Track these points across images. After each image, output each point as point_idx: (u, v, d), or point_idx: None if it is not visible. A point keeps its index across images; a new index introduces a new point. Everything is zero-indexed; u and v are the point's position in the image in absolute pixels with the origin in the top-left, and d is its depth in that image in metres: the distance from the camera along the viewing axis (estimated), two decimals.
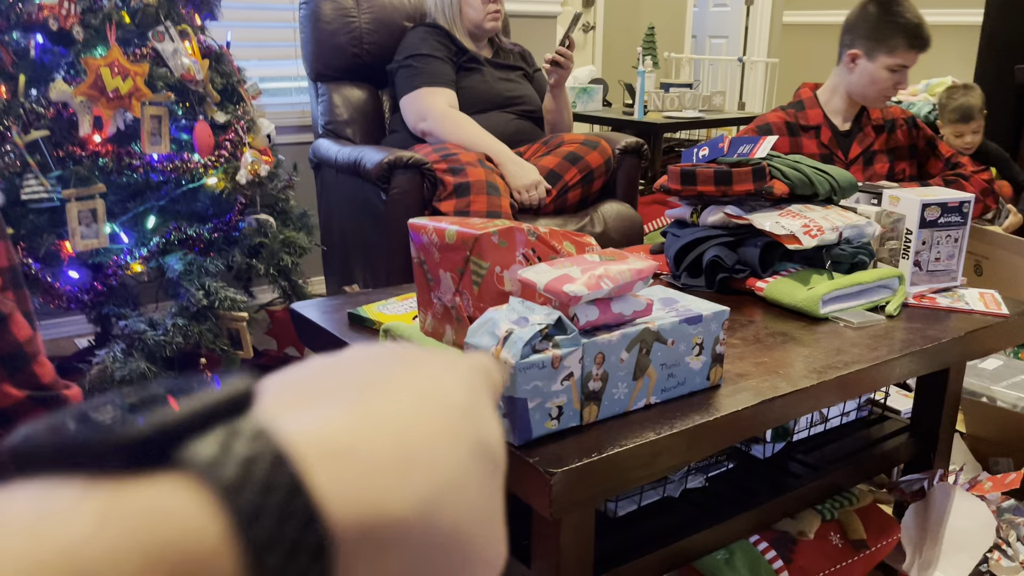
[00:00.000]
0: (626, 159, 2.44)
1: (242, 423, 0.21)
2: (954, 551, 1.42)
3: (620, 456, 0.98)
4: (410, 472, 0.23)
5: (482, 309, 1.08)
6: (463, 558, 0.25)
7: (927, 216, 1.50)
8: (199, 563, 0.19)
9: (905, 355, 1.29)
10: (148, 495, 0.19)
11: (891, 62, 2.13)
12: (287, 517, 0.20)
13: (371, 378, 0.26)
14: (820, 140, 2.22)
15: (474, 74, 2.42)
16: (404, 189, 2.05)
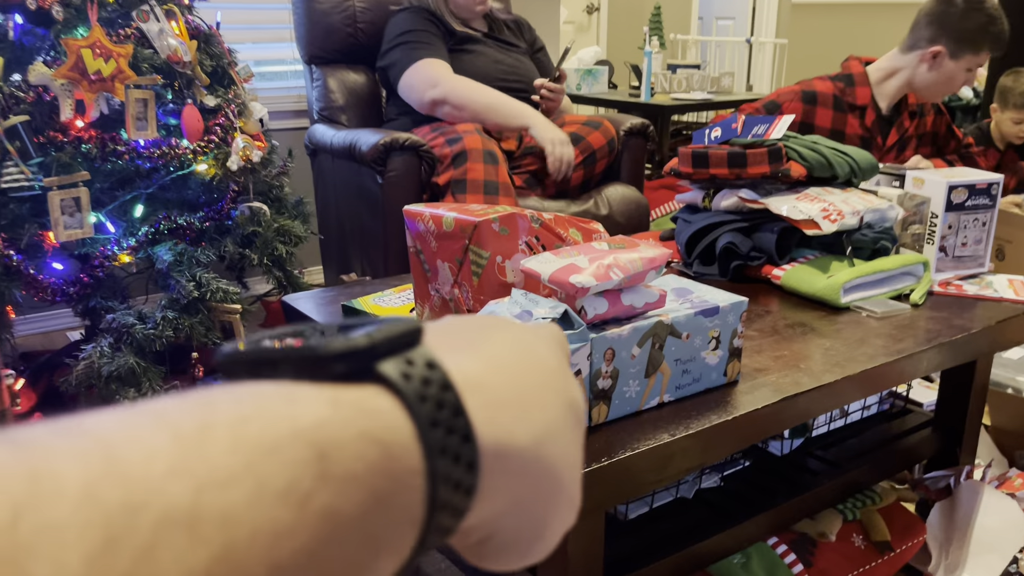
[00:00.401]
0: (631, 140, 2.35)
1: (417, 352, 0.26)
2: (983, 552, 1.35)
3: (631, 460, 0.91)
4: (528, 411, 0.29)
5: (482, 302, 1.01)
6: (557, 492, 0.30)
7: (954, 199, 1.42)
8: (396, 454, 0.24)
9: (932, 347, 1.21)
10: (360, 396, 0.24)
11: (975, 63, 2.06)
12: (453, 431, 0.25)
13: (481, 333, 0.31)
14: (864, 122, 2.12)
15: (466, 54, 2.29)
16: (401, 172, 1.96)
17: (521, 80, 2.35)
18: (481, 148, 1.95)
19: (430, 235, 1.08)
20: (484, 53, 2.31)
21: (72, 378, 1.59)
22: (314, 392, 0.24)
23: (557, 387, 0.31)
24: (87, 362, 1.58)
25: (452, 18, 2.33)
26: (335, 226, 2.32)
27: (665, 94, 3.56)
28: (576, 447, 0.32)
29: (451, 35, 2.28)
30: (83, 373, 1.58)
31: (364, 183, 2.05)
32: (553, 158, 2.10)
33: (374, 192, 1.98)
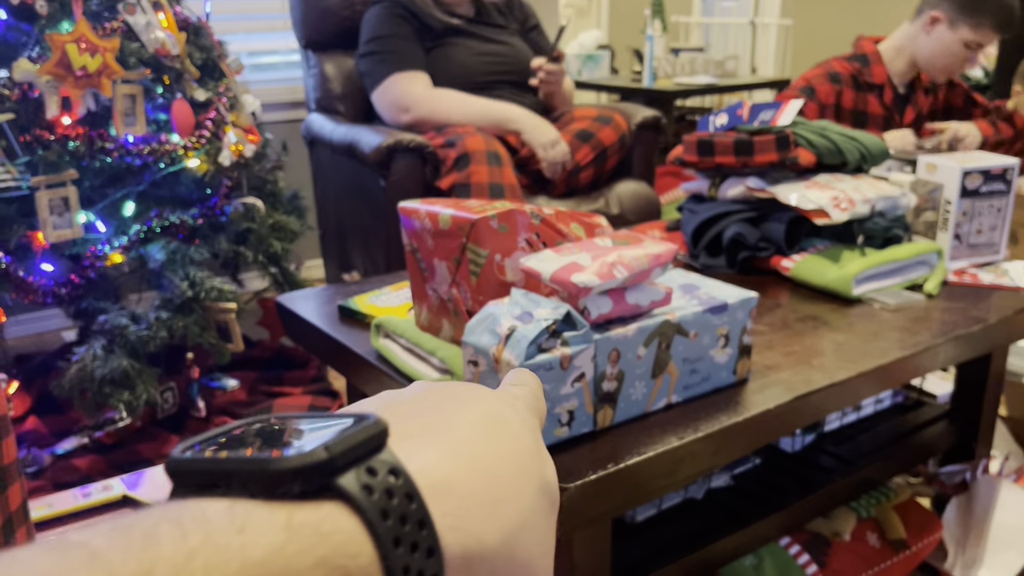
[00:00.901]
0: (643, 134, 2.28)
1: (380, 459, 0.24)
2: (1001, 548, 1.31)
3: (639, 466, 0.87)
4: (498, 507, 0.26)
5: (481, 302, 0.97)
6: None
7: (968, 185, 1.37)
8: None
9: (948, 340, 1.17)
10: (318, 517, 0.22)
11: (971, 38, 1.99)
12: (417, 545, 0.23)
13: (445, 416, 0.29)
14: (883, 101, 2.08)
15: (447, 49, 2.17)
16: (404, 174, 1.89)
17: (512, 67, 2.23)
18: (484, 149, 1.87)
19: (427, 233, 1.04)
20: (467, 46, 2.19)
21: (64, 382, 1.56)
22: (267, 515, 0.22)
23: (531, 470, 0.29)
24: (79, 365, 1.55)
25: (434, 7, 2.20)
26: (334, 220, 2.27)
27: (668, 79, 3.50)
28: (550, 533, 0.30)
29: (429, 30, 2.16)
30: (76, 376, 1.55)
31: (365, 181, 1.99)
32: (547, 163, 2.02)
33: (375, 191, 1.93)
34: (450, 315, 1.05)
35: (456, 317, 1.03)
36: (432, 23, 2.17)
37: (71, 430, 1.75)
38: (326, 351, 1.24)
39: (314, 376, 2.00)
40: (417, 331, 1.09)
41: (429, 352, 1.05)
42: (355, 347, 1.15)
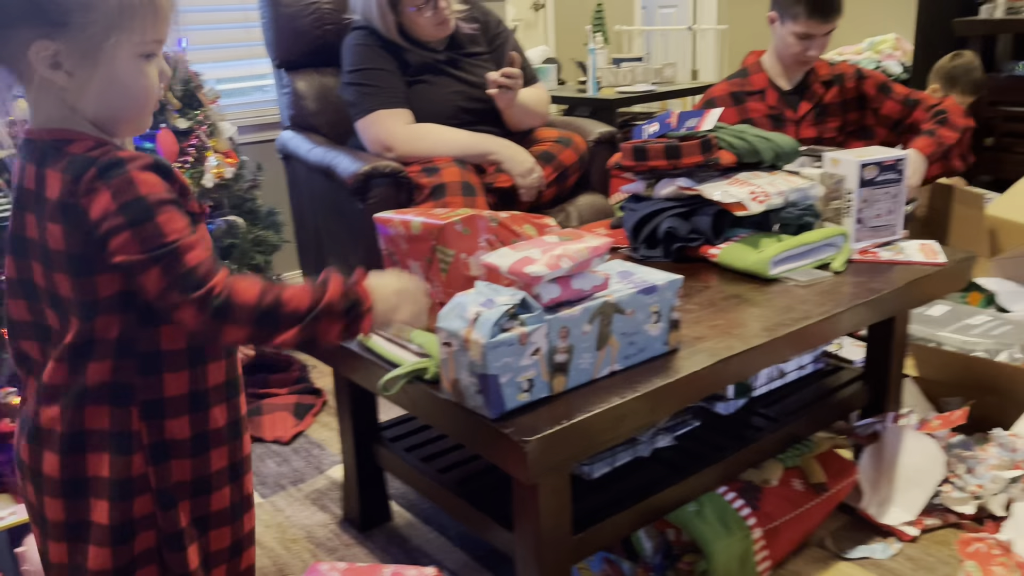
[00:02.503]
0: (599, 150, 2.40)
1: None
2: (908, 487, 1.52)
3: (589, 421, 1.06)
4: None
5: (451, 294, 1.14)
6: None
7: (865, 175, 1.58)
8: None
9: (852, 308, 1.37)
10: None
11: (797, 29, 2.17)
12: None
13: None
14: (767, 102, 2.30)
15: (424, 86, 2.22)
16: (381, 199, 1.99)
17: (486, 101, 2.28)
18: (460, 180, 1.99)
19: (400, 239, 1.22)
20: (442, 83, 2.24)
21: None
22: None
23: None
24: None
25: (407, 44, 2.23)
26: (311, 232, 2.38)
27: (611, 88, 3.72)
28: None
29: (407, 66, 2.21)
30: None
31: (341, 201, 2.07)
32: (524, 190, 2.14)
33: (352, 212, 2.02)
34: None
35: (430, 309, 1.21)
36: (409, 58, 2.22)
37: None
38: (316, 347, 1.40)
39: (297, 377, 2.16)
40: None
41: (408, 340, 1.22)
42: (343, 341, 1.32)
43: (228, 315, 0.86)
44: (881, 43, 4.00)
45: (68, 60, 0.85)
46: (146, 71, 0.90)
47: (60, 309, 0.89)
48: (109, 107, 0.89)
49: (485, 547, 1.54)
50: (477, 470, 1.42)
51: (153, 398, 0.93)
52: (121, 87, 0.88)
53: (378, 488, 1.62)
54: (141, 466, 0.93)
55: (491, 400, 1.03)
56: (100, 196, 0.83)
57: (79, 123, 0.89)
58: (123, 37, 0.86)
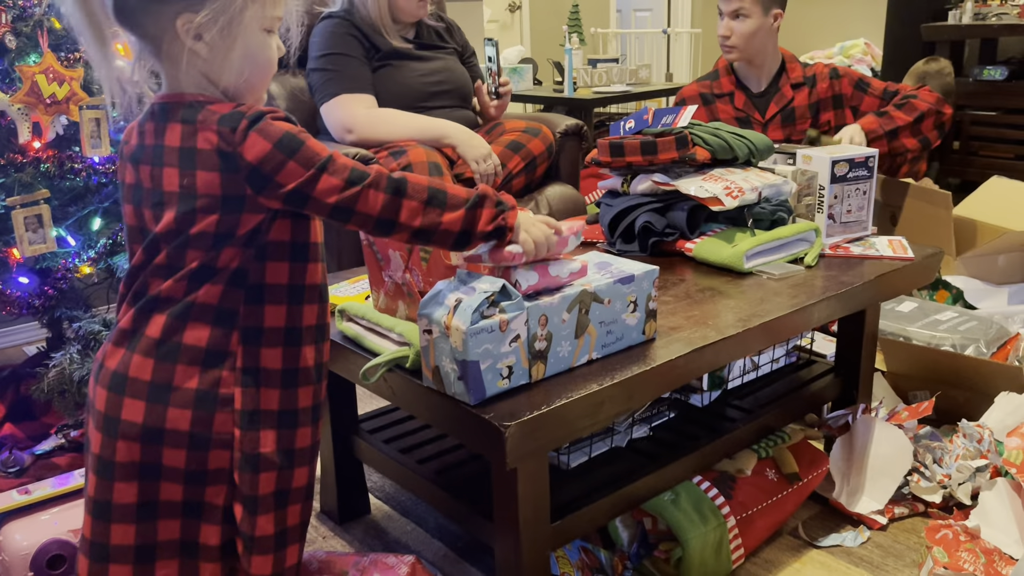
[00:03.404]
0: (567, 142, 2.48)
1: None
2: (878, 476, 1.55)
3: (567, 407, 1.07)
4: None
5: (431, 283, 1.16)
6: None
7: (837, 172, 1.62)
8: None
9: (822, 300, 1.40)
10: None
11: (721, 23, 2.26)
12: None
13: None
14: (734, 105, 2.34)
15: (391, 71, 2.30)
16: None
17: (450, 86, 2.38)
18: (425, 160, 2.05)
19: None
20: (410, 67, 2.32)
21: (44, 385, 1.68)
22: None
23: None
24: (58, 369, 1.67)
25: (384, 30, 2.30)
26: None
27: (587, 88, 3.75)
28: None
29: (376, 50, 2.28)
30: (55, 380, 1.67)
31: None
32: (479, 176, 2.20)
33: None
34: (404, 297, 1.23)
35: (410, 298, 1.22)
36: (379, 44, 2.29)
37: (46, 433, 1.87)
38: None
39: None
40: (376, 313, 1.27)
41: (388, 329, 1.23)
42: None
43: (404, 191, 1.00)
44: (852, 47, 4.07)
45: (208, 31, 0.97)
46: (266, 42, 1.03)
47: (178, 247, 0.99)
48: (240, 75, 1.01)
49: (463, 539, 1.55)
50: (455, 461, 1.43)
51: (254, 325, 1.02)
52: (251, 57, 1.01)
53: (356, 480, 1.62)
54: (229, 385, 1.01)
55: (472, 386, 1.04)
56: (255, 142, 0.96)
57: (212, 91, 1.01)
58: (255, 11, 0.99)
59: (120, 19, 0.99)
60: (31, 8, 1.67)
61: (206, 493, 1.02)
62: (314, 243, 1.07)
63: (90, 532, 1.03)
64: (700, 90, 2.38)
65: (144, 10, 0.97)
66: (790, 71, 2.32)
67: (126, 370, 1.00)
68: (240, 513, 1.03)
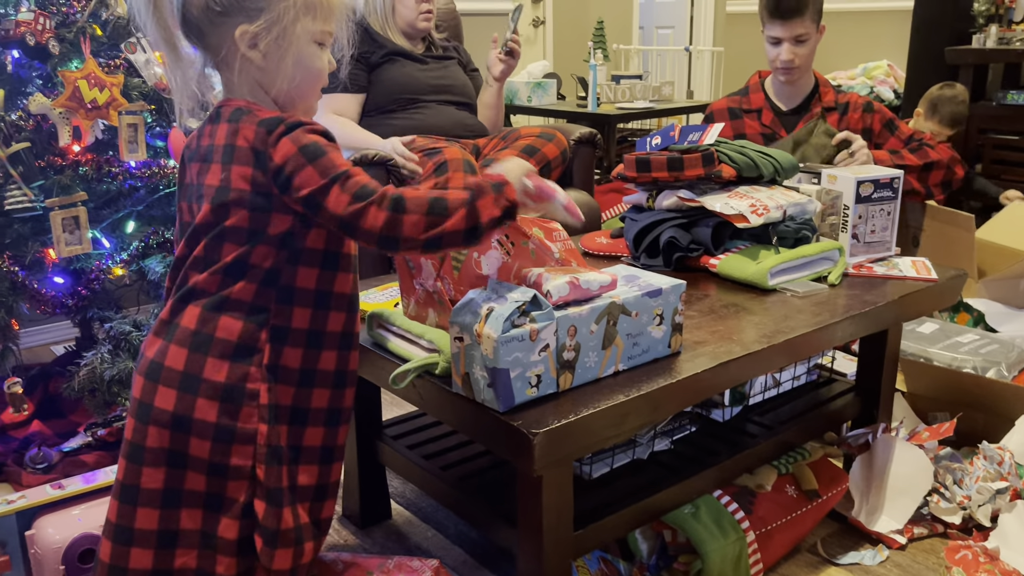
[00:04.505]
0: (581, 149, 2.54)
1: None
2: (897, 496, 1.56)
3: (593, 417, 1.09)
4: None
5: (462, 292, 1.18)
6: None
7: (862, 192, 1.63)
8: None
9: (846, 319, 1.42)
10: None
11: (767, 34, 2.26)
12: None
13: None
14: (762, 121, 2.35)
15: (396, 66, 2.45)
16: None
17: (450, 87, 2.53)
18: (461, 158, 2.12)
19: None
20: (412, 65, 2.48)
21: (75, 383, 1.72)
22: None
23: None
24: (89, 368, 1.71)
25: (396, 34, 2.49)
26: None
27: (611, 104, 3.77)
28: None
29: (380, 47, 2.45)
30: (85, 378, 1.71)
31: None
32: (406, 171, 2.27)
33: None
34: (435, 304, 1.25)
35: (441, 306, 1.24)
36: (385, 43, 2.46)
37: (74, 431, 1.90)
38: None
39: None
40: (406, 320, 1.29)
41: (418, 336, 1.25)
42: None
43: (404, 207, 1.02)
44: (874, 69, 4.08)
45: (263, 41, 1.04)
46: (316, 55, 1.09)
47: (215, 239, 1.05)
48: (291, 84, 1.08)
49: (483, 546, 1.56)
50: (478, 468, 1.45)
51: (282, 324, 1.07)
52: (303, 67, 1.08)
53: (379, 485, 1.64)
54: (256, 381, 1.05)
55: (501, 394, 1.06)
56: (284, 145, 1.01)
57: (263, 98, 1.09)
58: (306, 23, 1.06)
59: (185, 29, 1.06)
60: (74, 15, 1.72)
61: (227, 487, 1.06)
62: (346, 254, 1.11)
63: (116, 515, 1.06)
64: (729, 105, 2.40)
65: (209, 21, 1.04)
66: (823, 94, 2.34)
67: (162, 359, 1.05)
68: (263, 509, 1.06)
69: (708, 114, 2.43)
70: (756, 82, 2.41)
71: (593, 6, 5.55)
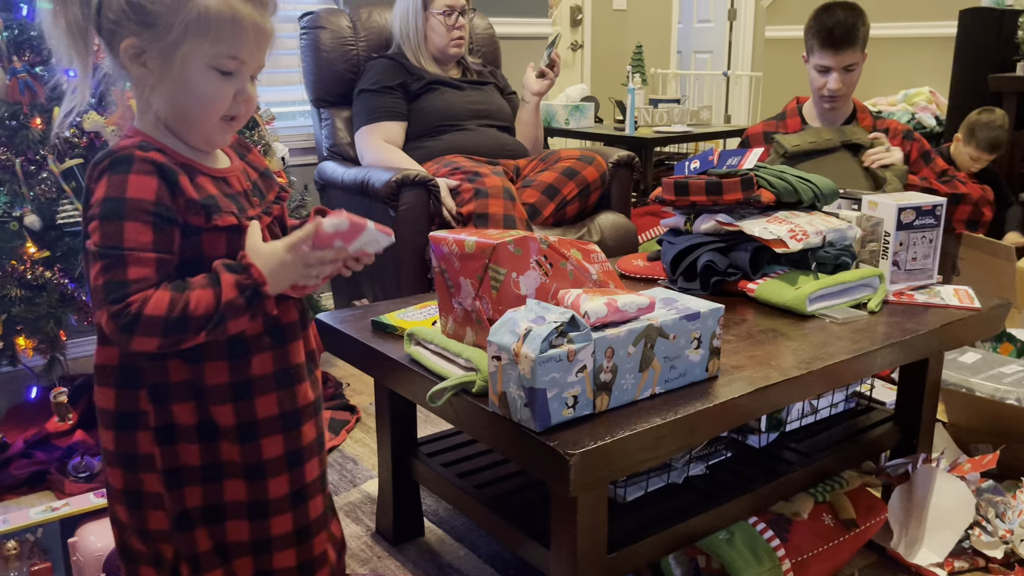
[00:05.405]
0: (619, 172, 2.55)
1: None
2: (938, 528, 1.53)
3: (629, 440, 1.09)
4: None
5: (500, 311, 1.19)
6: None
7: (903, 219, 1.62)
8: None
9: (885, 346, 1.40)
10: None
11: (815, 62, 2.28)
12: None
13: None
14: None
15: (435, 94, 2.52)
16: (412, 205, 2.16)
17: (488, 110, 2.59)
18: (501, 185, 2.15)
19: (454, 256, 1.26)
20: (451, 92, 2.54)
21: None
22: None
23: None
24: None
25: (429, 62, 2.56)
26: None
27: (648, 127, 3.78)
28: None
29: (420, 79, 2.51)
30: None
31: (375, 216, 2.22)
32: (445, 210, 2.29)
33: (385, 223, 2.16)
34: (473, 323, 1.27)
35: (478, 325, 1.25)
36: (422, 74, 2.53)
37: None
38: (362, 359, 1.45)
39: (332, 394, 2.21)
40: (444, 338, 1.30)
41: (456, 354, 1.26)
42: (390, 354, 1.37)
43: (136, 329, 0.92)
44: (916, 95, 4.05)
45: (149, 57, 0.97)
46: (212, 82, 0.99)
47: None
48: (174, 107, 0.99)
49: (515, 566, 1.56)
50: (513, 488, 1.45)
51: None
52: (185, 90, 0.98)
53: (412, 502, 1.65)
54: None
55: (538, 413, 1.07)
56: (100, 185, 0.94)
57: (151, 123, 1.01)
58: (196, 46, 0.96)
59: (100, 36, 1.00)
60: None
61: None
62: None
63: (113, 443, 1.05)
64: (765, 129, 2.41)
65: (108, 31, 0.98)
66: (860, 119, 2.34)
67: None
68: None
69: (744, 138, 2.44)
70: (794, 107, 2.42)
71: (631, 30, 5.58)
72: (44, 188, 1.66)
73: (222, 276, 0.97)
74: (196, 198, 0.98)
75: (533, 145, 2.69)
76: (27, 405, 2.08)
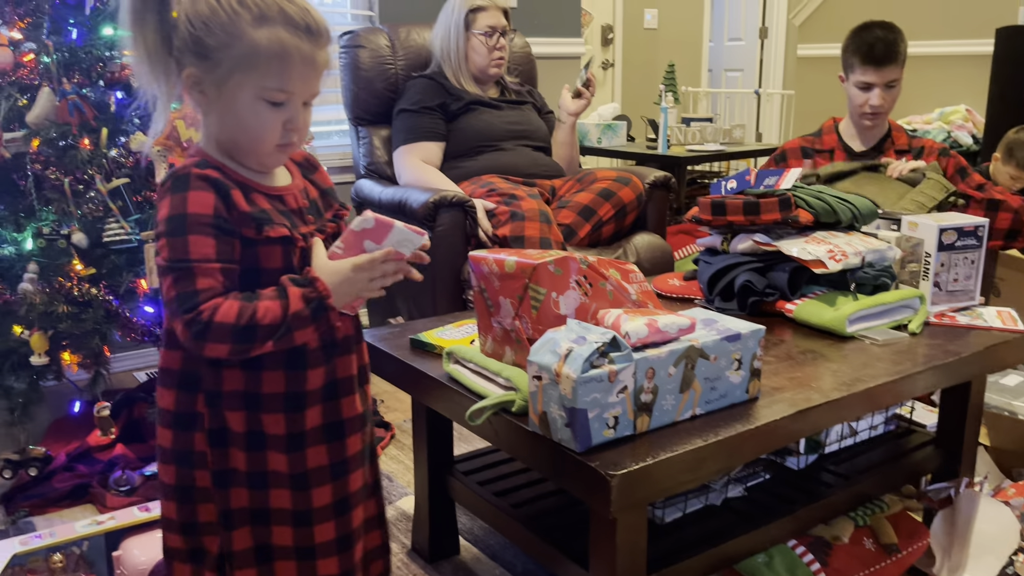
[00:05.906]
0: (655, 192, 2.55)
1: None
2: (981, 554, 1.50)
3: (671, 461, 1.09)
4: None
5: (540, 331, 1.19)
6: None
7: (944, 240, 1.60)
8: None
9: (927, 369, 1.39)
10: None
11: (856, 79, 2.28)
12: None
13: None
14: (833, 161, 2.34)
15: (474, 114, 2.54)
16: (448, 226, 2.18)
17: (525, 130, 2.60)
18: (537, 208, 2.17)
19: (493, 276, 1.27)
20: (489, 112, 2.57)
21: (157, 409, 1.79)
22: None
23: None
24: None
25: (469, 82, 2.59)
26: None
27: (680, 146, 3.78)
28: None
29: (459, 99, 2.54)
30: None
31: None
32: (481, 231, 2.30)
33: None
34: (512, 343, 1.27)
35: (518, 344, 1.26)
36: (462, 95, 2.55)
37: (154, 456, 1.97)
38: (400, 376, 1.46)
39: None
40: (483, 357, 1.31)
41: (495, 373, 1.27)
42: (429, 372, 1.38)
43: (207, 335, 0.98)
44: (952, 113, 4.01)
45: (206, 86, 1.03)
46: (261, 113, 1.04)
47: None
48: (226, 132, 1.06)
49: None
50: (550, 507, 1.45)
51: None
52: (236, 120, 1.04)
53: (448, 520, 1.65)
54: None
55: (578, 434, 1.07)
56: (164, 204, 1.01)
57: (212, 144, 1.08)
58: (245, 79, 1.02)
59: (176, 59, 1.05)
60: None
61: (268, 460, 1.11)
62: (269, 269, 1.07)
63: None
64: (802, 144, 2.42)
65: (176, 59, 1.04)
66: (895, 138, 2.33)
67: None
68: None
69: (780, 152, 2.44)
70: (830, 125, 2.42)
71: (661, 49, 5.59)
72: (91, 207, 1.70)
73: (289, 289, 1.03)
74: (248, 211, 1.04)
75: (569, 165, 2.70)
76: (69, 419, 2.12)
